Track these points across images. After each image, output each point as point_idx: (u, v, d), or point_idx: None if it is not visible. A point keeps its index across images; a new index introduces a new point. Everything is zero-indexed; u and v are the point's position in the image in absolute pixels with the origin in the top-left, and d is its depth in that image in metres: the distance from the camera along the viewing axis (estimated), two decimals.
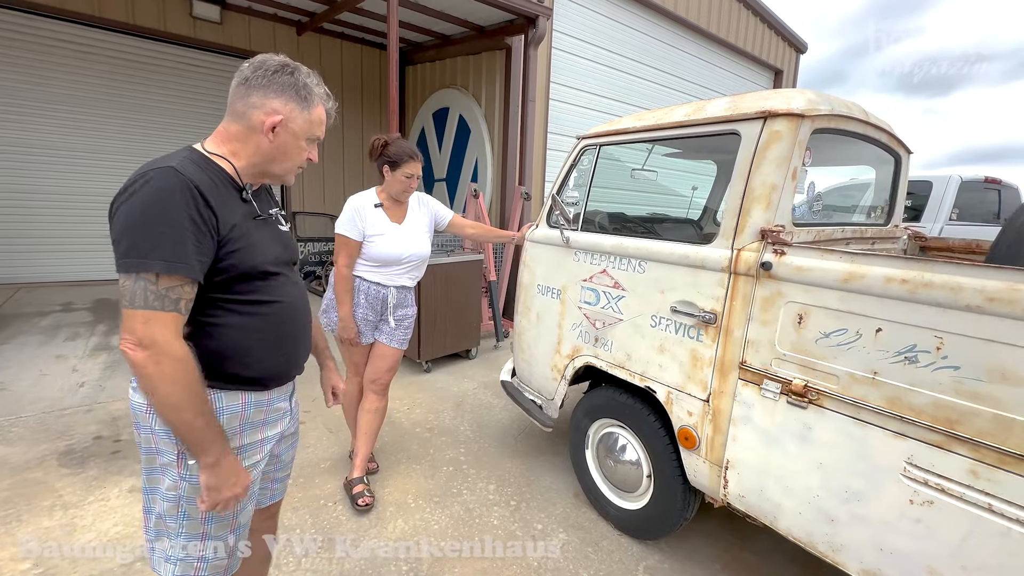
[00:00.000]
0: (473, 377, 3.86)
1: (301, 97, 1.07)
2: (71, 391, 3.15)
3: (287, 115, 1.05)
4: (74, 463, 2.41)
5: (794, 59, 9.41)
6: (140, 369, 0.91)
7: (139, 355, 0.90)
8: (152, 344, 0.89)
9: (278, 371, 1.14)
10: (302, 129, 1.08)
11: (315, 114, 1.10)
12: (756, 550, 2.08)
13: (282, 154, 1.09)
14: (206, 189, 0.95)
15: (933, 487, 1.20)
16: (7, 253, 5.58)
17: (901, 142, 2.24)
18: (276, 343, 1.11)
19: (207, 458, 0.98)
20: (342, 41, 6.94)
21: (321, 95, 1.10)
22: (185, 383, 0.93)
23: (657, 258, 1.85)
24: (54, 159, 5.67)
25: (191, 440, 0.96)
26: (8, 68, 5.26)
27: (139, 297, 0.89)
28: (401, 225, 2.22)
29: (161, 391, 0.91)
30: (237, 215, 1.02)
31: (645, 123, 1.99)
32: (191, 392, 0.93)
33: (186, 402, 0.93)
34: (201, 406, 0.96)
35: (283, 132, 1.06)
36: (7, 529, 1.94)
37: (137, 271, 0.89)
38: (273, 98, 1.04)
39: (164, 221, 0.90)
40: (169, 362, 0.91)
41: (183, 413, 0.93)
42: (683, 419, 1.78)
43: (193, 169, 0.96)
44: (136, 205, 0.90)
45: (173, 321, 0.92)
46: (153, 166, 0.94)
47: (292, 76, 1.06)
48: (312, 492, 2.30)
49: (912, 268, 1.22)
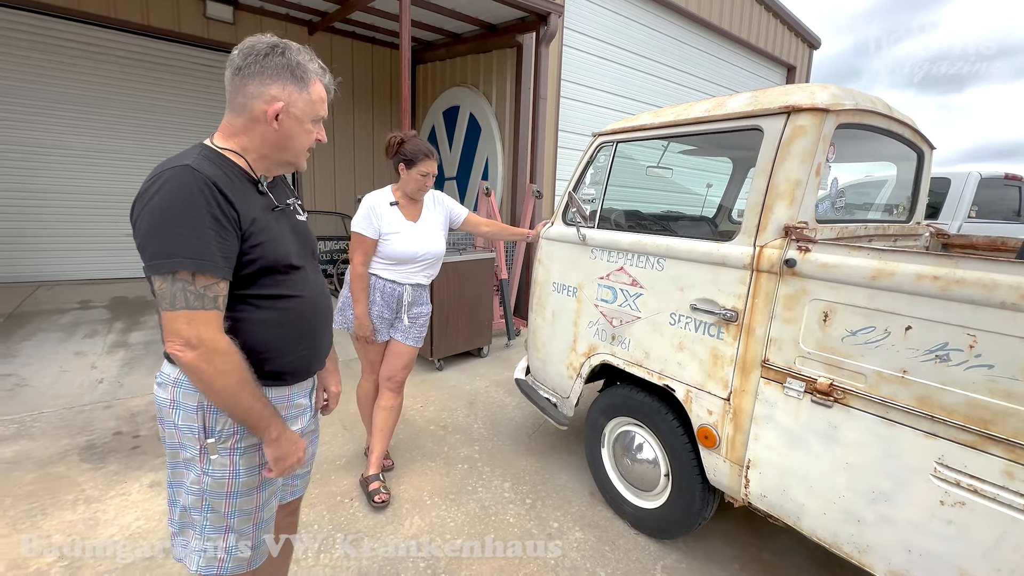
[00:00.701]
0: (485, 375, 3.86)
1: (297, 78, 1.02)
2: (91, 387, 3.20)
3: (287, 100, 1.02)
4: (95, 458, 2.45)
5: (807, 55, 9.29)
6: (192, 369, 0.92)
7: (189, 356, 0.91)
8: (200, 343, 0.91)
9: (298, 366, 1.14)
10: (304, 112, 1.05)
11: (315, 92, 1.06)
12: (775, 550, 2.06)
13: (290, 140, 1.06)
14: (223, 184, 0.95)
15: (965, 488, 1.18)
16: (26, 252, 5.67)
17: (924, 137, 2.20)
18: (297, 338, 1.11)
19: (270, 434, 1.03)
20: (353, 40, 6.96)
21: (316, 71, 1.06)
22: (236, 374, 0.95)
23: (676, 255, 1.83)
24: (70, 159, 5.75)
25: (252, 422, 1.01)
26: (24, 69, 5.33)
27: (179, 298, 0.89)
28: (416, 223, 2.22)
29: (216, 386, 0.94)
30: (256, 208, 1.02)
31: (663, 120, 1.97)
32: (243, 381, 0.97)
33: (241, 390, 0.97)
34: (254, 390, 0.99)
35: (286, 118, 1.03)
36: (33, 522, 1.97)
37: (170, 271, 0.89)
38: (270, 84, 1.00)
39: (186, 221, 0.90)
40: (219, 358, 0.93)
41: (241, 401, 0.97)
42: (703, 418, 1.76)
43: (208, 166, 0.95)
44: (157, 207, 0.90)
45: (215, 318, 0.93)
46: (168, 165, 0.94)
47: (284, 56, 1.01)
48: (329, 489, 2.31)
49: (944, 265, 1.19)
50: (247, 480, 1.07)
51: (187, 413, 1.02)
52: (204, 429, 1.03)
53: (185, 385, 1.02)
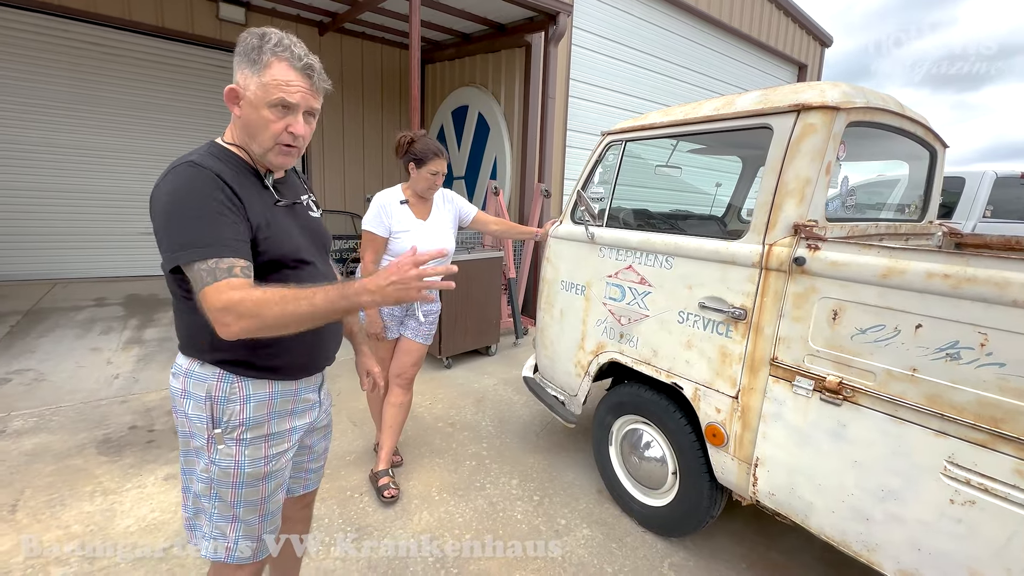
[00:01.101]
0: (493, 373, 3.88)
1: (251, 60, 0.97)
2: (107, 383, 3.26)
3: (241, 84, 0.98)
4: (112, 451, 2.50)
5: (819, 53, 9.20)
6: (245, 332, 0.89)
7: (233, 326, 0.88)
8: (233, 306, 0.88)
9: (304, 362, 1.15)
10: (257, 96, 0.97)
11: (267, 75, 0.96)
12: (783, 549, 2.05)
13: (252, 128, 1.01)
14: (227, 177, 0.97)
15: (976, 487, 1.17)
16: (43, 249, 5.79)
17: (937, 136, 2.18)
18: (302, 334, 1.09)
19: (362, 298, 0.92)
20: (363, 40, 7.01)
21: (279, 53, 0.97)
22: (279, 304, 0.89)
23: (685, 254, 1.83)
24: (85, 158, 5.86)
25: (336, 311, 0.92)
26: (42, 70, 5.44)
27: (207, 275, 0.90)
28: (426, 221, 2.24)
29: (273, 322, 0.89)
30: (260, 203, 1.03)
31: (672, 118, 1.97)
32: (284, 298, 0.89)
33: (297, 307, 0.89)
34: (308, 295, 0.90)
35: (245, 104, 0.99)
36: (52, 513, 2.02)
37: (187, 262, 0.91)
38: (236, 72, 0.99)
39: (195, 213, 0.92)
40: (252, 305, 0.88)
41: (305, 311, 0.90)
42: (711, 416, 1.76)
43: (211, 160, 0.98)
44: (165, 204, 0.94)
45: (226, 285, 0.90)
46: (174, 164, 0.97)
47: (247, 43, 0.97)
48: (339, 484, 2.34)
49: (955, 263, 1.19)
50: (252, 471, 1.09)
51: (196, 403, 1.05)
52: (212, 419, 1.05)
53: (195, 375, 1.06)
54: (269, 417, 1.11)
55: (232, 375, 1.06)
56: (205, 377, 1.05)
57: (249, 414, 1.07)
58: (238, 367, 1.06)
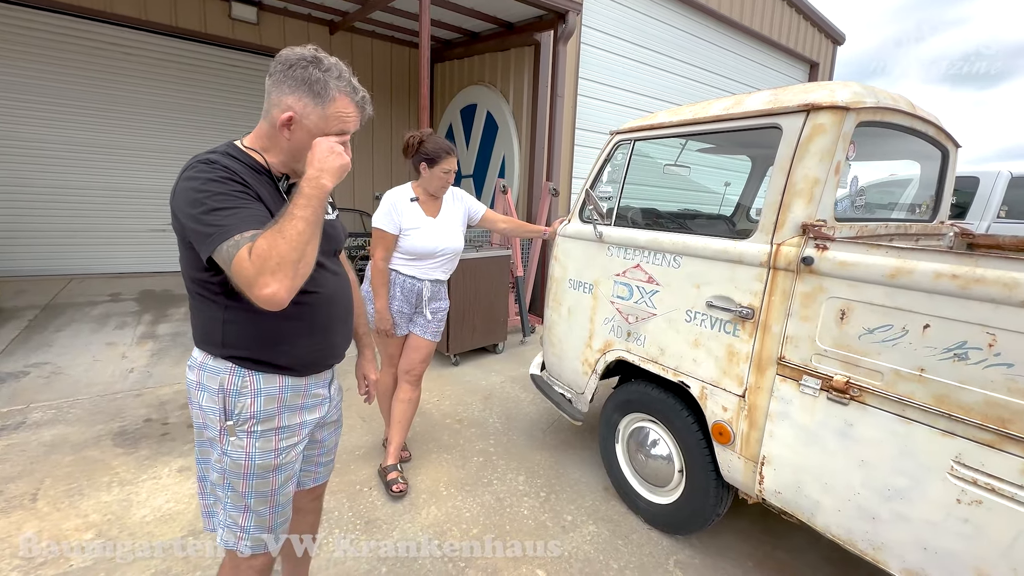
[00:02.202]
0: (500, 371, 3.90)
1: (315, 92, 1.02)
2: (122, 376, 3.33)
3: (300, 112, 1.03)
4: (127, 443, 2.56)
5: (831, 51, 9.10)
6: (288, 287, 0.89)
7: (273, 284, 0.87)
8: (261, 263, 0.88)
9: (311, 360, 1.18)
10: (317, 126, 1.04)
11: (331, 109, 1.03)
12: (789, 548, 2.06)
13: (302, 152, 1.05)
14: (241, 173, 1.01)
15: (983, 487, 1.17)
16: (60, 245, 5.90)
17: (949, 135, 2.17)
18: (309, 332, 1.15)
19: (322, 181, 0.96)
20: (373, 39, 7.06)
21: (343, 87, 1.04)
22: (282, 236, 0.89)
23: (693, 253, 1.84)
24: (101, 157, 5.96)
25: (318, 204, 0.94)
26: (60, 70, 5.55)
27: (232, 248, 0.90)
28: (436, 219, 2.27)
29: (295, 256, 0.90)
30: (273, 204, 1.06)
31: (681, 118, 1.98)
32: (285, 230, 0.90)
33: (294, 227, 0.90)
34: (288, 215, 0.92)
35: (298, 129, 1.04)
36: (71, 502, 2.08)
37: (215, 247, 0.92)
38: (288, 94, 1.02)
39: (213, 203, 0.95)
40: (267, 249, 0.88)
41: (301, 226, 0.91)
42: (718, 414, 1.77)
43: (226, 159, 1.02)
44: (184, 200, 0.97)
45: (245, 250, 0.91)
46: (190, 162, 1.01)
47: (306, 70, 1.01)
48: (348, 478, 2.38)
49: (964, 263, 1.19)
50: (262, 463, 1.12)
51: (210, 395, 1.09)
52: (224, 411, 1.09)
53: (209, 368, 1.09)
54: (279, 411, 1.14)
55: (243, 369, 1.09)
56: (218, 370, 1.09)
57: (260, 407, 1.10)
58: (247, 362, 1.09)
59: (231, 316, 1.06)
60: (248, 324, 1.06)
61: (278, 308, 0.91)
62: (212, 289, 1.05)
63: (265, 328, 1.08)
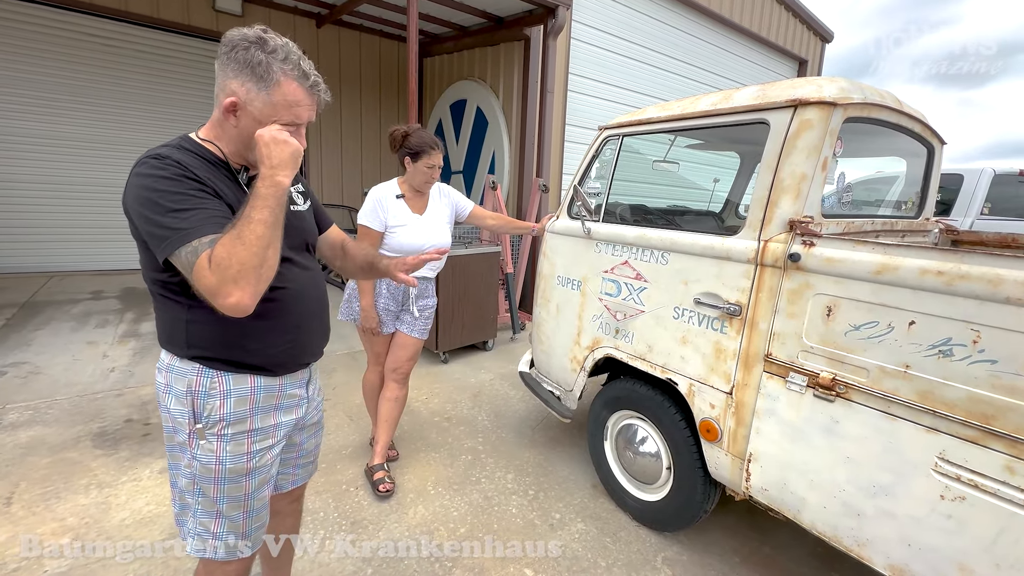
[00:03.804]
0: (490, 368, 3.88)
1: (257, 76, 0.94)
2: (102, 376, 3.26)
3: (243, 97, 0.96)
4: (107, 444, 2.50)
5: (819, 49, 9.16)
6: (251, 293, 0.86)
7: (235, 293, 0.85)
8: (220, 271, 0.85)
9: (284, 358, 1.13)
10: (263, 112, 0.96)
11: (277, 94, 0.96)
12: (776, 544, 2.06)
13: (249, 139, 0.98)
14: (193, 167, 0.95)
15: (966, 483, 1.18)
16: (39, 242, 5.77)
17: (935, 132, 2.18)
18: (280, 331, 1.09)
19: (277, 178, 0.92)
20: (361, 33, 6.96)
21: (288, 71, 0.96)
22: (241, 242, 0.86)
23: (680, 249, 1.83)
24: (80, 151, 5.82)
25: (277, 203, 0.90)
26: (38, 61, 5.40)
27: (191, 255, 0.87)
28: (422, 216, 2.24)
29: (256, 261, 0.86)
30: (231, 197, 0.99)
31: (669, 113, 1.97)
32: (243, 235, 0.87)
33: (252, 230, 0.87)
34: (247, 216, 0.88)
35: (243, 116, 0.97)
36: (47, 505, 2.02)
37: (173, 251, 0.89)
38: (231, 78, 0.96)
39: (166, 203, 0.89)
40: (226, 257, 0.85)
41: (260, 230, 0.87)
42: (705, 411, 1.77)
43: (179, 153, 0.95)
44: (135, 200, 0.92)
45: (205, 257, 0.88)
46: (139, 160, 0.95)
47: (247, 51, 0.94)
48: (334, 477, 2.35)
49: (949, 260, 1.19)
50: (234, 467, 1.07)
51: (178, 398, 1.04)
52: (193, 414, 1.04)
53: (176, 370, 1.04)
54: (252, 412, 1.09)
55: (211, 370, 1.04)
56: (185, 372, 1.04)
57: (230, 409, 1.06)
58: (215, 363, 1.04)
59: (195, 316, 1.01)
60: (213, 323, 0.99)
61: (244, 315, 0.88)
62: (173, 289, 1.00)
63: (231, 327, 1.00)
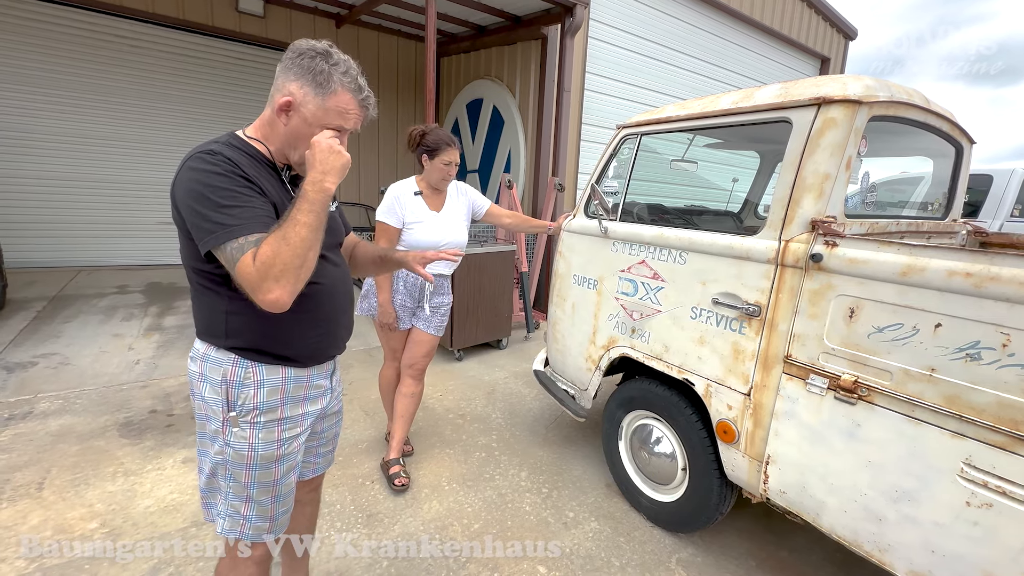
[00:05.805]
0: (504, 367, 3.89)
1: (317, 83, 1.02)
2: (128, 368, 3.35)
3: (299, 98, 1.03)
4: (132, 434, 2.57)
5: (842, 46, 8.97)
6: (290, 291, 0.91)
7: (276, 290, 0.90)
8: (266, 269, 0.89)
9: (313, 351, 1.18)
10: (314, 115, 1.03)
11: (331, 101, 1.03)
12: (793, 548, 2.04)
13: (296, 139, 1.05)
14: (242, 164, 1.00)
15: (993, 489, 1.15)
16: (69, 237, 5.95)
17: (964, 131, 2.12)
18: (312, 324, 1.15)
19: (325, 184, 0.97)
20: (379, 33, 7.03)
21: (347, 83, 1.04)
22: (286, 243, 0.91)
23: (699, 249, 1.82)
24: (108, 149, 5.99)
25: (321, 207, 0.96)
26: (68, 62, 5.57)
27: (237, 252, 0.92)
28: (439, 213, 2.25)
29: (298, 262, 0.91)
30: (275, 195, 1.05)
31: (689, 111, 1.95)
32: (289, 236, 0.92)
33: (297, 233, 0.92)
34: (292, 218, 0.93)
35: (295, 116, 1.04)
36: (76, 491, 2.09)
37: (219, 244, 0.93)
38: (292, 80, 1.03)
39: (216, 197, 0.94)
40: (272, 256, 0.90)
41: (304, 233, 0.92)
42: (722, 413, 1.75)
43: (227, 150, 1.00)
44: (186, 192, 0.96)
45: (250, 254, 0.93)
46: (191, 153, 1.00)
47: (313, 60, 1.02)
48: (351, 471, 2.38)
49: (978, 262, 1.16)
50: (265, 454, 1.12)
51: (213, 386, 1.08)
52: (227, 402, 1.08)
53: (212, 359, 1.09)
54: (282, 402, 1.14)
55: (247, 360, 1.09)
56: (221, 361, 1.08)
57: (263, 398, 1.10)
58: (250, 353, 1.09)
59: (235, 307, 1.05)
60: (252, 316, 1.04)
61: (281, 311, 0.93)
62: (215, 280, 1.04)
63: (268, 319, 1.05)
